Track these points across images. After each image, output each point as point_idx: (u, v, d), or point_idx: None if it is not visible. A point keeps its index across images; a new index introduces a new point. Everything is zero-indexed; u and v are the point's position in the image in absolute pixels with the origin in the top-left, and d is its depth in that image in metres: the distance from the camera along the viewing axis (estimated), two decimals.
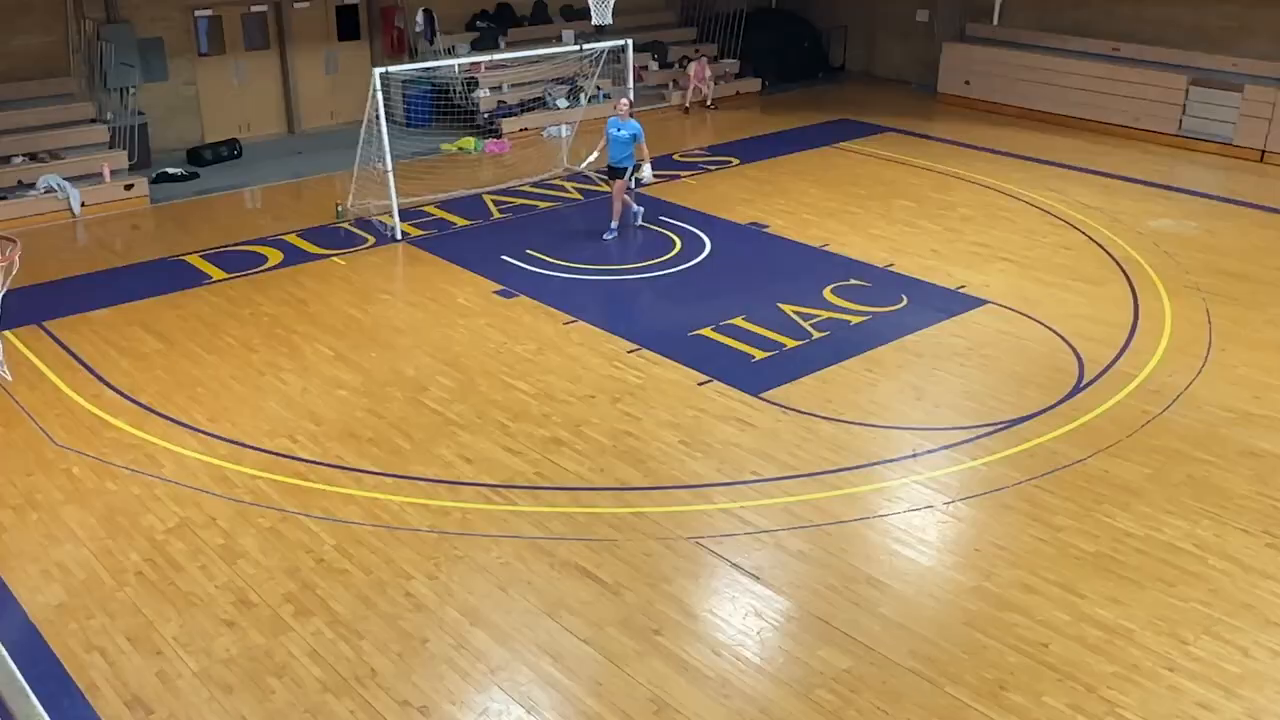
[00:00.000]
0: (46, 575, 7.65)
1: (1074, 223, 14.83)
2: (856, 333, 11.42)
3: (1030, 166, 17.44)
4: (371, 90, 13.88)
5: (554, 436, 9.43)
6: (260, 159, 17.99)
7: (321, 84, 19.81)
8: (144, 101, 17.22)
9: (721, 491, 8.63)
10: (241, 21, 18.76)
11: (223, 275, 13.01)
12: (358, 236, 14.32)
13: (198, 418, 9.73)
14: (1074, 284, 12.72)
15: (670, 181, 16.66)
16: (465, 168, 17.47)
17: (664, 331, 11.45)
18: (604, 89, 20.19)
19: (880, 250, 13.73)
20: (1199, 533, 8.12)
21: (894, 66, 23.88)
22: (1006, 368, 10.69)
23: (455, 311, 11.98)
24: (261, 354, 10.99)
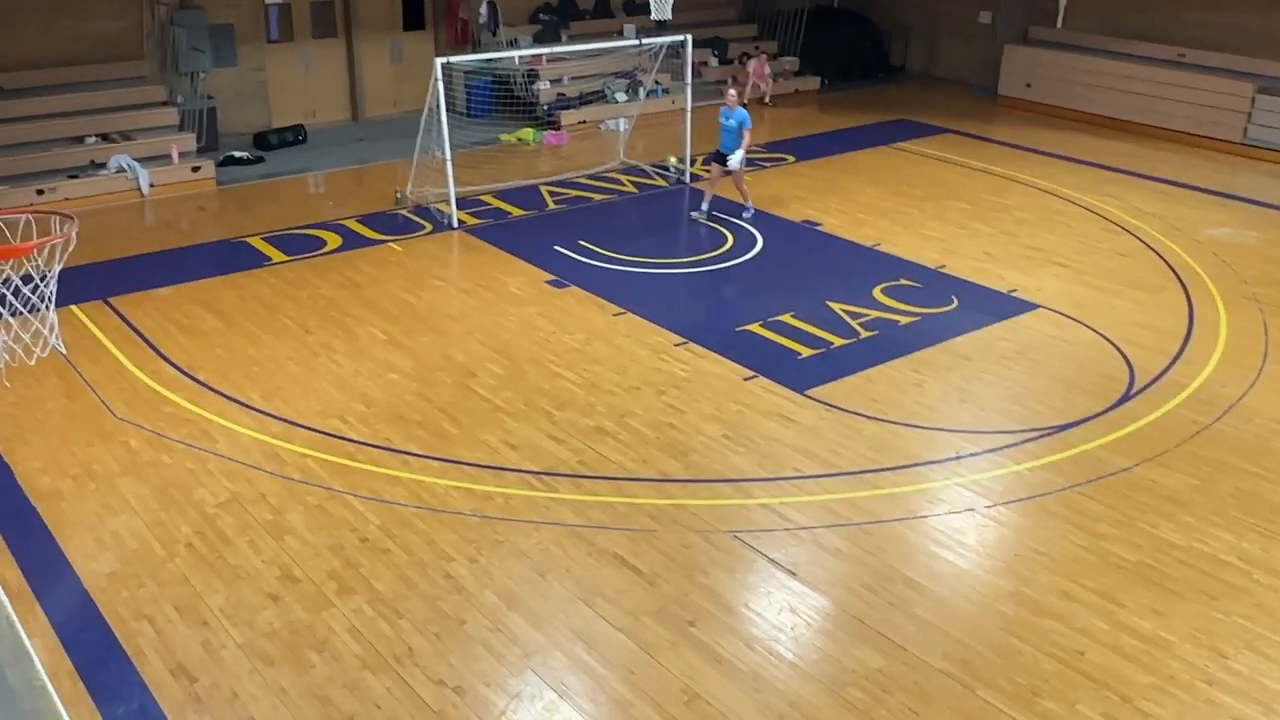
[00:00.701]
0: (101, 544, 7.81)
1: (1131, 229, 14.55)
2: (905, 333, 11.30)
3: (1089, 171, 17.14)
4: (433, 79, 13.98)
5: (598, 426, 9.44)
6: (324, 145, 18.19)
7: (386, 72, 19.98)
8: (213, 86, 17.48)
9: (762, 487, 8.59)
10: (310, 9, 18.98)
11: (282, 258, 13.17)
12: (415, 223, 14.43)
13: (252, 396, 9.87)
14: (1128, 290, 12.48)
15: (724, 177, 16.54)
16: (523, 158, 17.54)
17: (712, 326, 11.41)
18: (663, 84, 20.16)
19: (933, 251, 13.58)
20: (1245, 546, 7.93)
21: (955, 68, 23.58)
22: (1055, 373, 10.52)
23: (507, 300, 12.03)
24: (317, 335, 11.12)
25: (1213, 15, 19.19)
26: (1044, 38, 21.41)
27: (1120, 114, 19.78)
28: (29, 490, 8.44)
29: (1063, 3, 21.20)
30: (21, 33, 15.99)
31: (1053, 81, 20.73)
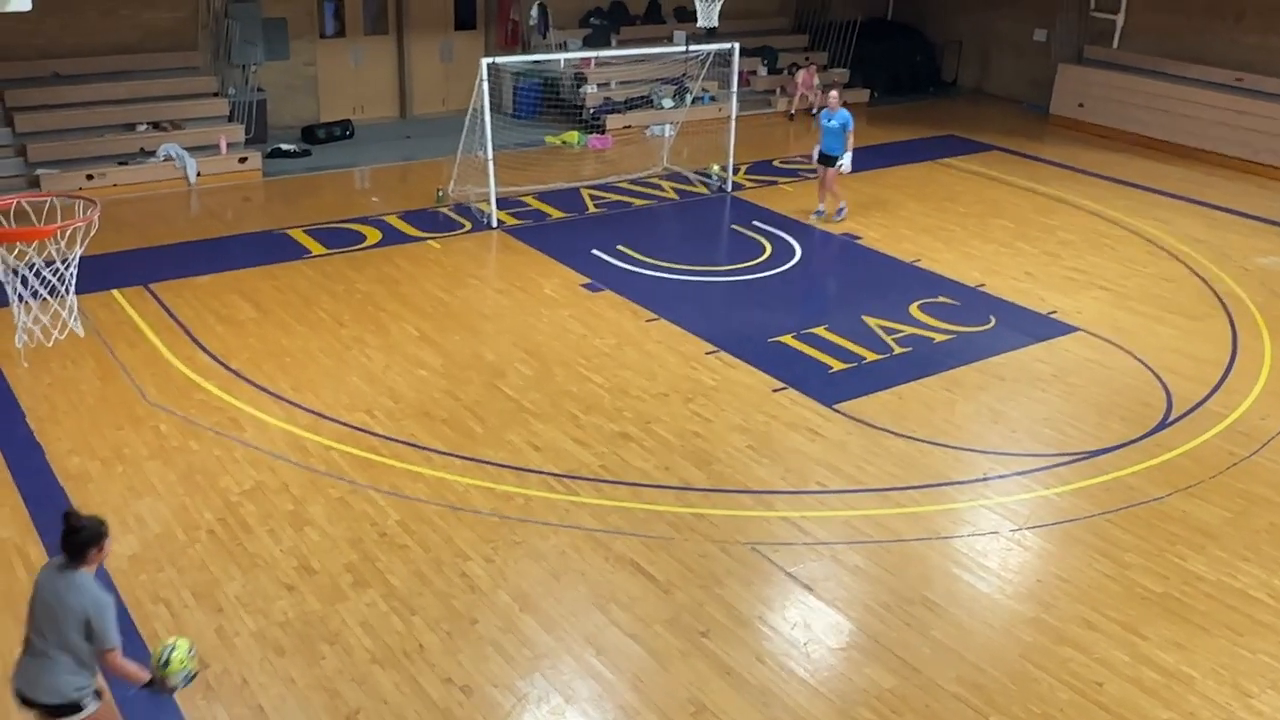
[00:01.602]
0: (124, 526, 7.90)
1: (1178, 254, 14.31)
2: (939, 351, 11.18)
3: (1138, 194, 16.88)
4: (478, 79, 14.04)
5: (623, 431, 9.42)
6: (371, 140, 18.33)
7: (436, 71, 20.10)
8: (265, 79, 17.68)
9: (784, 499, 8.52)
10: (364, 6, 19.15)
11: (322, 250, 13.29)
12: (455, 222, 14.50)
13: (283, 386, 9.95)
14: (1170, 317, 12.27)
15: (767, 187, 16.53)
16: (566, 161, 17.57)
17: (744, 335, 11.35)
18: (710, 91, 20.13)
19: (973, 269, 13.43)
20: (1275, 583, 7.75)
21: (1006, 85, 23.34)
22: (1091, 397, 10.35)
23: (541, 301, 12.05)
24: (350, 329, 11.20)
25: (1273, 39, 18.84)
26: (1099, 57, 21.13)
27: (1174, 137, 19.46)
28: (58, 470, 8.56)
29: (1119, 22, 20.93)
30: (79, 21, 16.27)
31: (1106, 102, 20.45)
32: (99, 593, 5.04)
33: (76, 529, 5.04)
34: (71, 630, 4.99)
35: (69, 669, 5.04)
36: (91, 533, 5.07)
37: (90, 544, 5.06)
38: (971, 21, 23.50)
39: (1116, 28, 20.96)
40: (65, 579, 5.02)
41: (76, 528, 5.04)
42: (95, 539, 5.08)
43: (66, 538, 5.04)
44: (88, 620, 4.97)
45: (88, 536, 5.05)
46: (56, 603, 5.00)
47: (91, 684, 5.15)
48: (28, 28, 15.46)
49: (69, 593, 4.99)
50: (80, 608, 4.97)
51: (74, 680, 5.07)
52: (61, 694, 5.06)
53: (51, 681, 5.04)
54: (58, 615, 4.99)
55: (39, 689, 5.06)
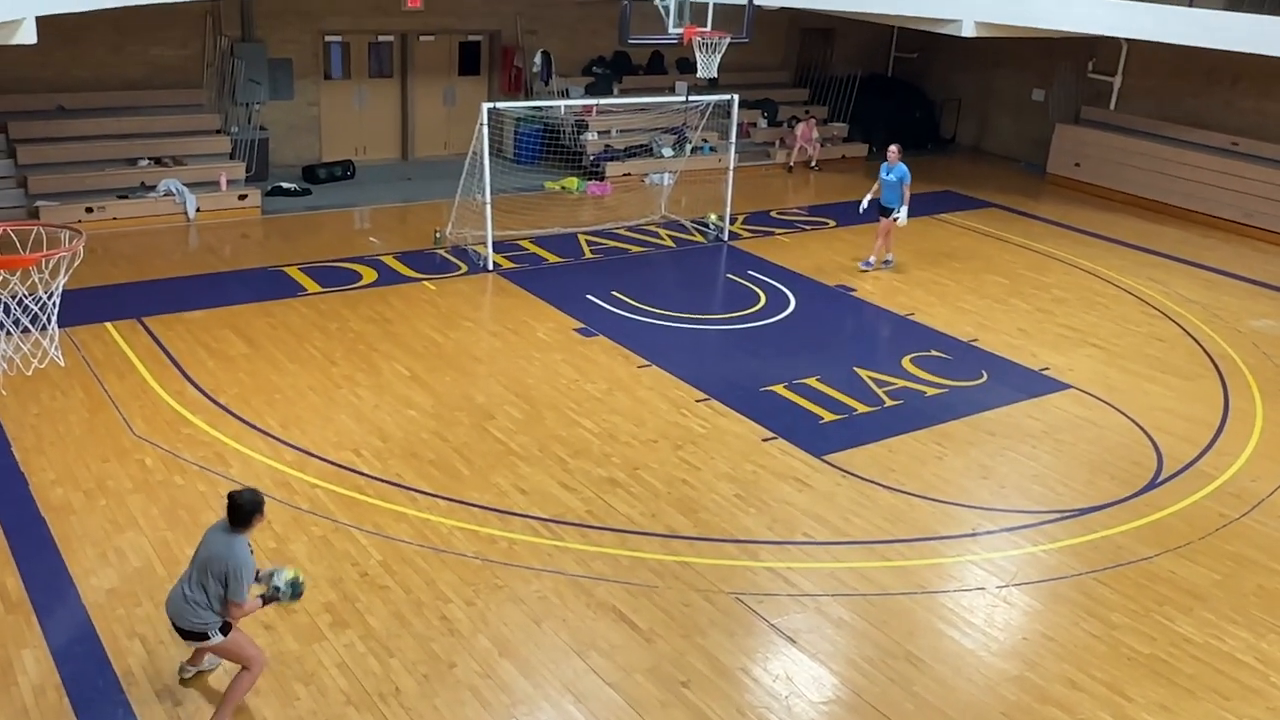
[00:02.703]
0: (104, 559, 7.82)
1: (1171, 314, 14.34)
2: (930, 404, 11.15)
3: (1133, 254, 16.96)
4: (479, 123, 14.14)
5: (611, 477, 9.37)
6: (372, 181, 18.43)
7: (438, 115, 20.26)
8: (268, 118, 17.82)
9: (770, 550, 8.46)
10: (368, 49, 19.34)
11: (317, 288, 13.30)
12: (451, 264, 14.53)
13: (271, 423, 9.90)
14: (1163, 376, 12.27)
15: (764, 237, 16.60)
16: (565, 206, 17.66)
17: (736, 384, 11.34)
18: (709, 141, 20.28)
19: (966, 324, 13.44)
20: (1264, 647, 7.67)
21: (1004, 143, 23.54)
22: (1081, 455, 10.32)
23: (533, 345, 12.04)
24: (341, 367, 11.17)
25: (1268, 105, 19.02)
26: (1096, 118, 21.32)
27: (1169, 199, 19.59)
28: (40, 501, 8.50)
29: (1116, 85, 21.14)
30: (88, 55, 16.42)
31: (1102, 162, 20.61)
32: (247, 556, 6.06)
33: (238, 504, 6.05)
34: (213, 579, 6.04)
35: (203, 607, 6.09)
36: (252, 504, 6.08)
37: (253, 513, 6.09)
38: (971, 80, 23.74)
39: (1113, 90, 21.17)
40: (226, 539, 6.07)
41: (238, 503, 6.05)
42: (256, 508, 6.10)
43: (231, 511, 6.06)
44: (228, 574, 6.00)
45: (250, 508, 6.07)
46: (212, 556, 6.05)
47: (218, 621, 6.14)
48: (36, 61, 15.60)
49: (225, 549, 6.02)
50: (227, 563, 6.00)
51: (205, 616, 6.10)
52: (192, 624, 6.14)
53: (190, 614, 6.12)
54: (210, 565, 6.04)
55: (180, 617, 6.17)
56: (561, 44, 20.56)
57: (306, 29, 18.23)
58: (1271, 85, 18.72)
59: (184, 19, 16.76)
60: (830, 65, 23.77)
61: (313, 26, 18.30)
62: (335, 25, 18.51)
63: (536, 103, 17.83)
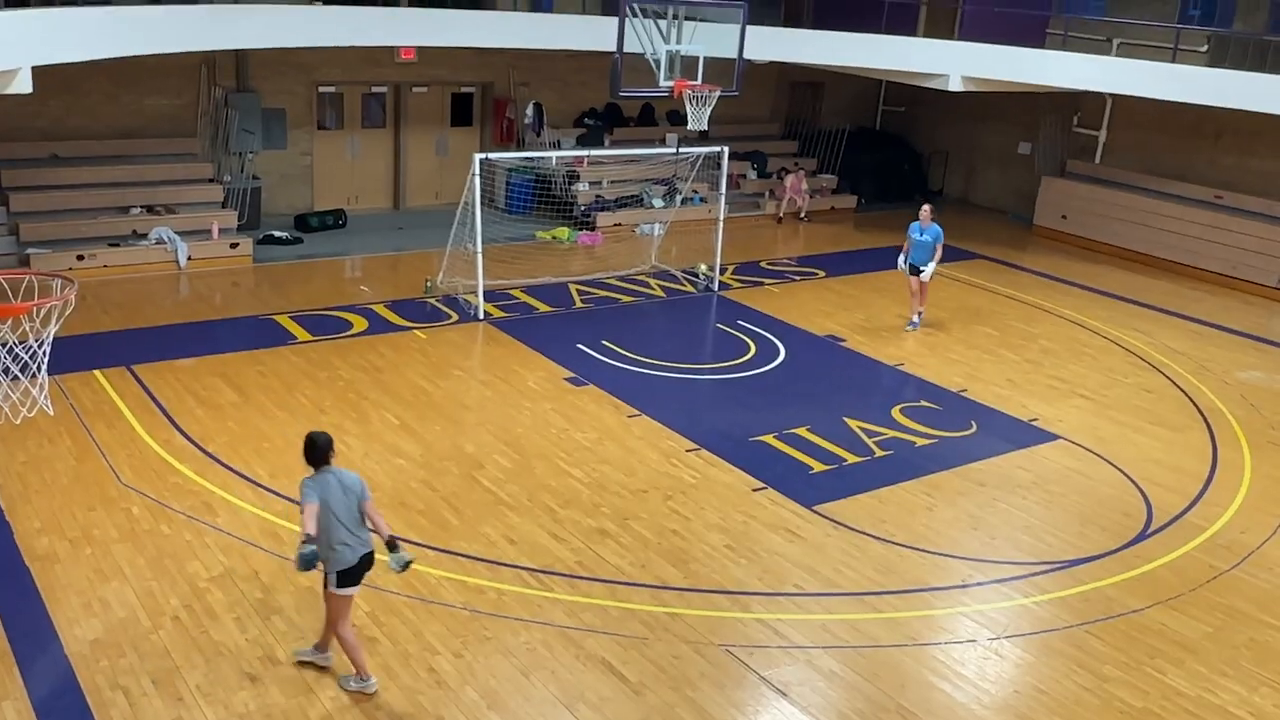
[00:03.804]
0: (88, 609, 7.74)
1: (1158, 365, 14.41)
2: (920, 455, 11.16)
3: (1120, 305, 17.07)
4: (471, 174, 14.23)
5: (600, 527, 9.33)
6: (363, 230, 18.51)
7: (430, 165, 20.40)
8: (261, 167, 17.92)
9: (760, 601, 8.41)
10: (361, 100, 19.50)
11: (308, 337, 13.30)
12: (442, 313, 14.56)
13: (259, 472, 9.86)
14: (1151, 428, 12.30)
15: (753, 287, 16.68)
16: (556, 256, 17.74)
17: (726, 434, 11.33)
18: (699, 192, 20.43)
19: (955, 375, 13.49)
20: (1256, 700, 7.63)
21: (992, 195, 23.76)
22: (1071, 506, 10.32)
23: (523, 394, 12.04)
24: (330, 416, 11.14)
25: (1250, 160, 19.25)
26: (1082, 172, 21.55)
27: (1155, 251, 19.76)
28: (25, 550, 8.42)
29: (1101, 138, 21.40)
30: (84, 103, 16.52)
31: (1088, 215, 20.81)
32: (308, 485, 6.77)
33: (320, 442, 6.78)
34: (356, 503, 6.85)
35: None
36: (328, 440, 6.80)
37: (329, 448, 6.79)
38: (958, 133, 24.01)
39: (1099, 143, 21.43)
40: (344, 474, 6.86)
41: (320, 442, 6.79)
42: (330, 444, 6.81)
43: (307, 451, 6.79)
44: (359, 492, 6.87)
45: (328, 443, 6.79)
46: (346, 493, 6.79)
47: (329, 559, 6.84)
48: (31, 109, 15.69)
49: (356, 482, 6.87)
50: (356, 485, 6.86)
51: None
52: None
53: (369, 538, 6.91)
54: (350, 496, 6.80)
55: (369, 544, 6.99)
56: (554, 96, 20.76)
57: (301, 80, 18.39)
58: (1253, 140, 18.98)
59: (179, 69, 16.90)
60: (819, 118, 24.04)
61: (307, 77, 18.46)
62: (329, 76, 18.68)
63: (528, 154, 17.97)
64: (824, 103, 24.20)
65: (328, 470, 6.78)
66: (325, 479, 6.76)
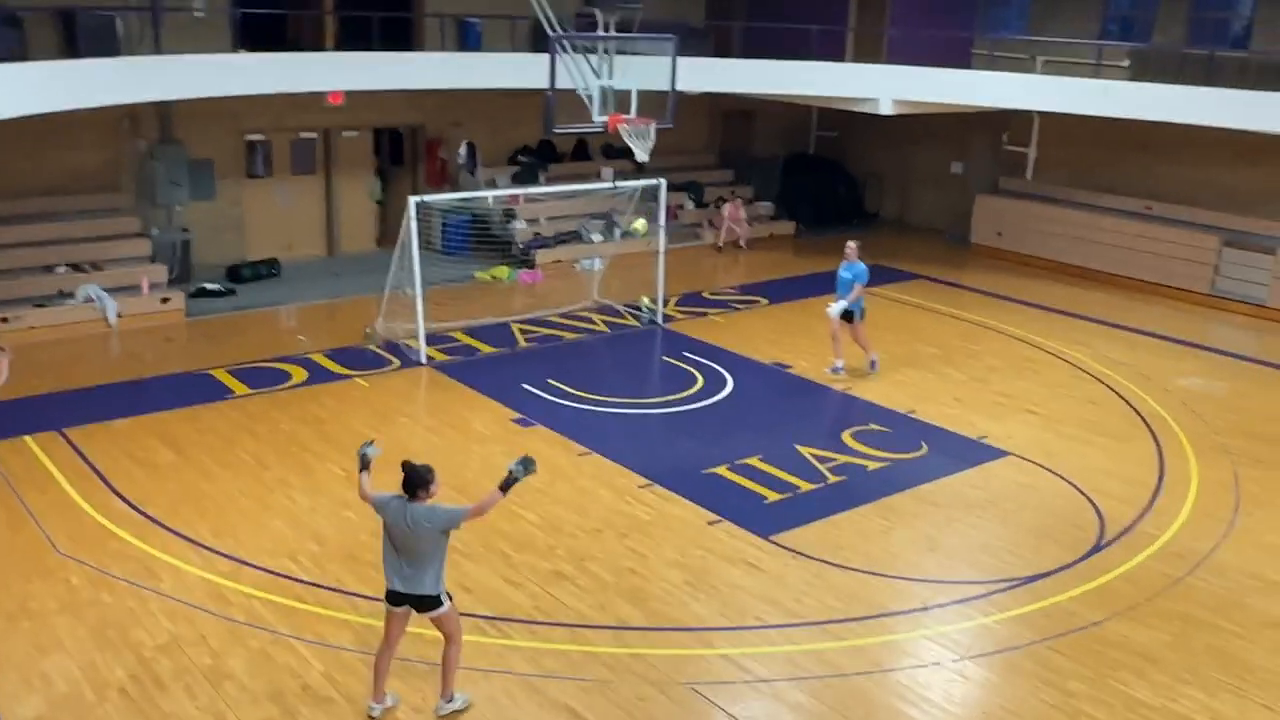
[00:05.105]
0: (28, 685, 7.51)
1: (1101, 377, 14.68)
2: (873, 479, 11.24)
3: (1059, 319, 17.39)
4: (406, 217, 14.17)
5: (557, 570, 9.26)
6: (297, 279, 18.32)
7: (363, 209, 20.28)
8: (190, 219, 17.69)
9: (723, 636, 8.39)
10: (290, 147, 19.35)
11: (246, 390, 13.11)
12: (383, 359, 14.44)
13: (202, 532, 9.67)
14: (1098, 439, 12.51)
15: (697, 318, 16.75)
16: (497, 296, 17.69)
17: (678, 468, 11.34)
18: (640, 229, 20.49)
19: (903, 396, 13.63)
20: (1217, 706, 7.75)
21: (927, 215, 24.14)
22: (1025, 522, 10.44)
23: (471, 438, 11.96)
24: (274, 471, 10.98)
25: (1179, 170, 19.74)
26: (1014, 188, 21.97)
27: (1090, 263, 20.19)
28: None
29: (1031, 155, 21.79)
30: (5, 162, 16.19)
31: (1023, 231, 21.21)
32: (447, 509, 6.95)
33: (408, 475, 6.94)
34: (428, 544, 6.89)
35: (432, 577, 6.99)
36: (419, 477, 6.91)
37: (420, 486, 6.88)
38: (891, 156, 24.39)
39: (1029, 160, 21.79)
40: (417, 511, 6.88)
41: (408, 474, 6.94)
42: (423, 482, 6.91)
43: (405, 481, 6.93)
44: (444, 529, 6.89)
45: (416, 480, 6.89)
46: (410, 530, 6.87)
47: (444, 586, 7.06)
48: None
49: (427, 517, 6.87)
50: (435, 525, 6.88)
51: (434, 586, 7.01)
52: (434, 588, 7.02)
53: (426, 581, 6.99)
54: (415, 537, 6.88)
55: (415, 587, 7.01)
56: (486, 134, 20.78)
57: (227, 129, 18.21)
58: (1179, 150, 19.47)
59: (101, 124, 16.64)
60: (753, 146, 24.30)
61: (233, 126, 18.29)
62: (256, 124, 18.53)
63: (464, 194, 17.93)
64: (757, 130, 24.49)
65: (407, 501, 6.92)
66: (399, 505, 6.94)
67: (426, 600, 7.05)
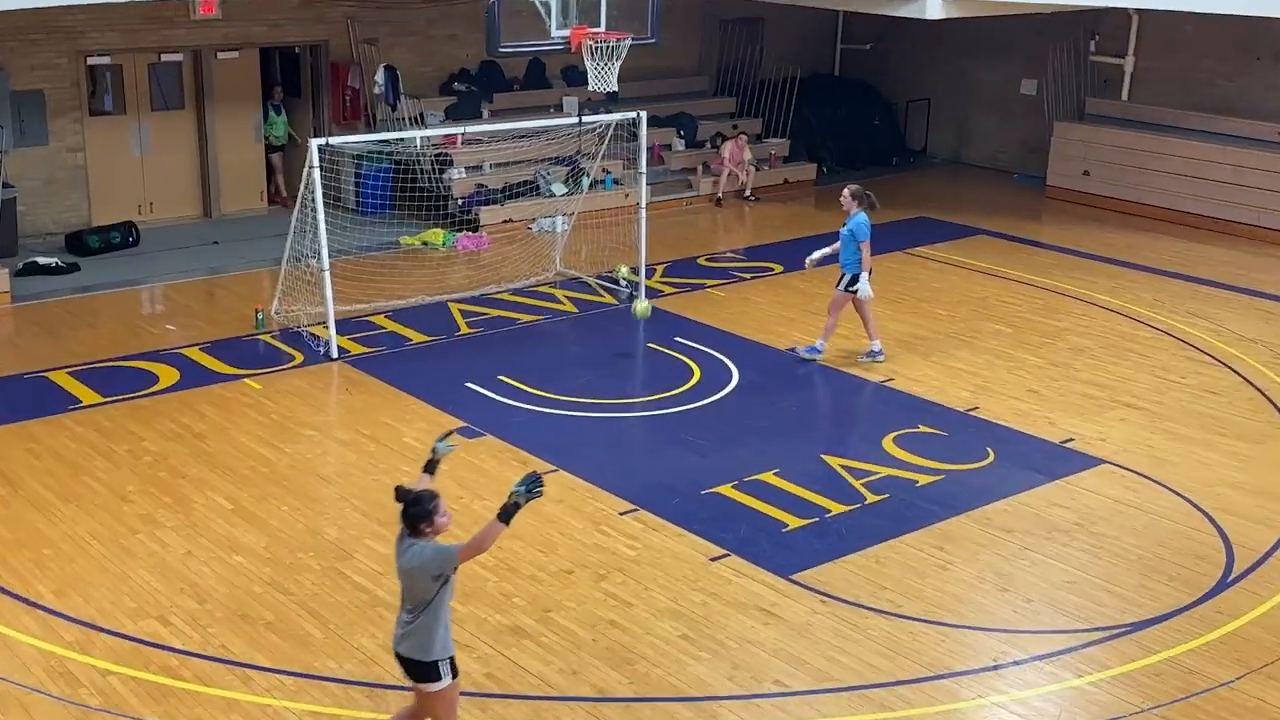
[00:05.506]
0: None
1: (1225, 359, 14.78)
2: (925, 497, 11.30)
3: (1168, 284, 17.50)
4: (307, 166, 14.14)
5: (514, 625, 9.29)
6: (163, 249, 18.30)
7: (250, 155, 20.24)
8: (15, 170, 17.64)
9: (733, 708, 8.42)
10: (149, 74, 19.29)
11: (97, 399, 13.10)
12: (281, 353, 14.44)
13: (40, 590, 9.64)
14: (1222, 441, 12.59)
15: (693, 292, 16.76)
16: (429, 268, 17.68)
17: (670, 488, 11.38)
18: (612, 173, 20.52)
19: (961, 389, 13.70)
20: None
21: (990, 152, 24.23)
22: (1126, 551, 10.50)
23: (400, 454, 11.97)
24: (136, 505, 10.97)
25: None
26: (1106, 112, 22.06)
27: (1208, 210, 20.28)
28: None
29: (1128, 68, 21.89)
30: None
31: (1118, 168, 21.30)
32: (436, 549, 6.95)
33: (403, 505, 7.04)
34: (420, 593, 6.96)
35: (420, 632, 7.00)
36: (413, 508, 6.98)
37: (418, 520, 6.95)
38: (941, 75, 24.45)
39: (1125, 75, 21.92)
40: (408, 552, 6.98)
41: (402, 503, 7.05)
42: (421, 514, 6.95)
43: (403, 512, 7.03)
44: (435, 574, 6.89)
45: (410, 511, 6.98)
46: (403, 572, 7.02)
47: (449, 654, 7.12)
48: None
49: (413, 560, 6.94)
50: (425, 568, 6.90)
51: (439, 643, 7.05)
52: (427, 652, 7.00)
53: (418, 641, 7.01)
54: (409, 582, 7.01)
55: (407, 646, 7.06)
56: (411, 55, 20.77)
57: (61, 50, 18.13)
58: None
59: None
60: (761, 66, 24.31)
61: (70, 46, 18.20)
62: (101, 43, 18.44)
63: (386, 135, 17.89)
64: (765, 45, 24.53)
65: (407, 535, 7.04)
66: (401, 540, 7.08)
67: (416, 667, 7.07)
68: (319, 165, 14.12)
